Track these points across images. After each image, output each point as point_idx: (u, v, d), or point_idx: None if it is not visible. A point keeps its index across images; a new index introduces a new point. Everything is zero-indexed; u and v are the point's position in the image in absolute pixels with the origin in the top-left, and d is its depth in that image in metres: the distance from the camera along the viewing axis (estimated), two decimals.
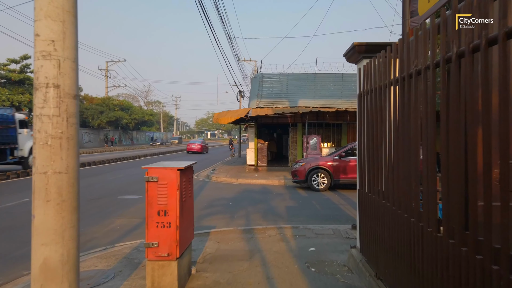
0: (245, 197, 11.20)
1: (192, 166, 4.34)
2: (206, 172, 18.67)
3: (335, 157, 12.22)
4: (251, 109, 16.69)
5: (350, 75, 17.34)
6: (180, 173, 3.81)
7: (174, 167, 3.78)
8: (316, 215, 8.70)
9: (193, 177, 4.47)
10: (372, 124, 3.83)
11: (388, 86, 3.39)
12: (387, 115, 3.44)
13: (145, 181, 3.77)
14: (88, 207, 9.34)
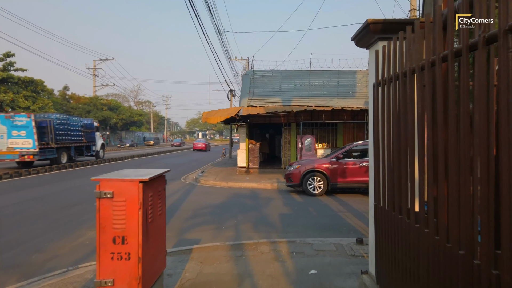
0: (235, 203, 10.26)
1: (163, 175, 3.40)
2: (194, 174, 17.68)
3: (332, 159, 11.34)
4: (242, 108, 15.76)
5: (346, 72, 16.50)
6: (144, 186, 2.87)
7: (135, 179, 2.84)
8: (313, 224, 7.80)
9: (164, 189, 3.52)
10: (401, 119, 2.91)
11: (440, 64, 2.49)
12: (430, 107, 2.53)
13: (96, 197, 2.82)
14: (58, 216, 8.33)
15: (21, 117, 17.91)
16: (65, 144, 20.58)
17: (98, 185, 2.82)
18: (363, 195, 11.67)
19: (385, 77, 3.22)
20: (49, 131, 18.85)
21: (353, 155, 11.56)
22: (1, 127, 17.73)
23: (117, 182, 2.81)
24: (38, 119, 18.81)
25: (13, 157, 17.59)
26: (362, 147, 11.53)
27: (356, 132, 17.10)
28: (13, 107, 32.55)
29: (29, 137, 17.60)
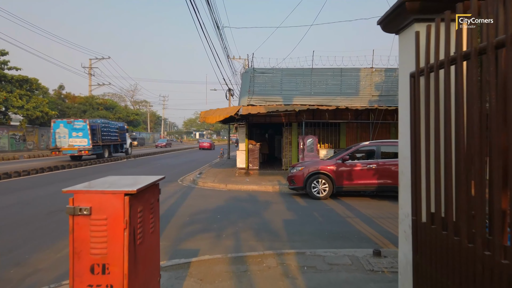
0: (235, 207, 9.65)
1: (157, 183, 2.78)
2: (192, 176, 17.05)
3: (337, 160, 10.75)
4: (241, 107, 15.16)
5: (349, 70, 15.90)
6: (131, 200, 2.25)
7: (119, 190, 2.22)
8: (321, 232, 7.20)
9: (158, 200, 2.90)
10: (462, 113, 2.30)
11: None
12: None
13: (68, 215, 2.20)
14: (44, 223, 7.69)
15: (79, 122, 23.68)
16: (107, 143, 26.77)
17: (71, 198, 2.20)
18: (369, 198, 11.09)
19: (434, 64, 2.61)
20: (98, 132, 24.72)
21: (360, 156, 10.99)
22: (63, 129, 23.25)
23: (97, 194, 2.19)
24: (91, 123, 24.18)
25: (73, 152, 23.17)
26: (369, 148, 10.96)
27: (360, 132, 16.51)
28: (6, 106, 31.79)
29: (84, 137, 23.23)
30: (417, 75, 2.80)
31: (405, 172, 3.29)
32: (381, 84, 15.86)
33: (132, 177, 2.75)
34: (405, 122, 3.22)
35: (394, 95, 15.83)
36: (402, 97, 3.31)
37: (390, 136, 15.66)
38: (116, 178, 2.65)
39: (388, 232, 7.17)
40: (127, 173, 17.95)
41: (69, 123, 23.52)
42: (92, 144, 23.42)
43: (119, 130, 29.70)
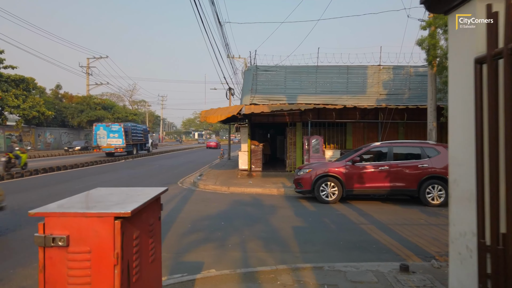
0: (239, 213, 9.05)
1: (158, 197, 2.18)
2: (192, 177, 16.45)
3: (347, 162, 10.17)
4: (243, 106, 14.56)
5: (356, 68, 15.29)
6: (124, 225, 1.65)
7: (107, 213, 1.62)
8: (335, 241, 6.62)
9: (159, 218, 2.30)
10: None
11: None
12: None
13: (38, 246, 1.60)
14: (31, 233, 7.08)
15: (115, 125, 29.10)
16: (135, 142, 32.06)
17: (42, 224, 1.61)
18: (380, 202, 10.51)
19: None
20: (129, 134, 29.95)
21: (371, 158, 10.41)
22: (103, 131, 28.65)
23: (76, 218, 1.60)
24: (124, 126, 29.34)
25: (110, 150, 28.75)
26: (380, 149, 10.38)
27: (367, 132, 15.91)
28: (1, 106, 31.10)
29: (120, 138, 28.57)
30: (489, 61, 2.20)
31: (460, 181, 2.71)
32: (389, 82, 15.28)
33: (124, 191, 2.15)
34: (461, 119, 2.64)
35: (403, 93, 15.26)
36: (456, 89, 2.72)
37: (398, 136, 15.09)
38: (104, 192, 2.05)
39: (407, 242, 6.58)
40: (123, 175, 17.33)
41: (107, 126, 29.10)
42: (125, 143, 29.13)
43: (143, 132, 35.89)
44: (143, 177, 16.55)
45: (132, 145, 30.91)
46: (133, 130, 31.72)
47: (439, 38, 11.32)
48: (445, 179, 9.75)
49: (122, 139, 28.61)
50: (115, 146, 28.56)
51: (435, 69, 11.82)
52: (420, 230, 7.40)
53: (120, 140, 28.64)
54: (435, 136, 11.93)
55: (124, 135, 28.72)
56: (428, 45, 11.41)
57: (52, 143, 40.54)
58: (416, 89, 15.26)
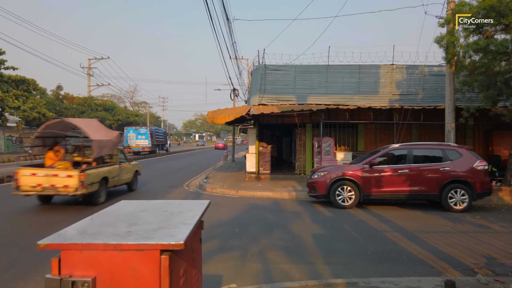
0: (253, 218, 8.56)
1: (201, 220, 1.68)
2: (198, 180, 15.96)
3: (364, 165, 9.67)
4: (252, 106, 14.08)
5: (368, 67, 14.79)
6: (173, 260, 1.15)
7: (151, 244, 1.12)
8: (360, 250, 6.13)
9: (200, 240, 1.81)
10: None
11: None
12: None
13: None
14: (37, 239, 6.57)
15: (143, 128, 34.73)
16: (158, 143, 37.17)
17: (57, 260, 1.12)
18: (397, 207, 10.02)
19: None
20: (154, 136, 34.91)
21: (389, 160, 9.92)
22: (132, 134, 33.79)
23: (106, 253, 1.11)
24: (150, 129, 34.76)
25: (139, 149, 33.62)
26: (399, 151, 9.89)
27: (379, 134, 15.41)
28: (2, 107, 30.60)
29: (146, 139, 33.34)
30: None
31: None
32: (403, 82, 14.79)
33: (158, 206, 1.66)
34: None
35: (416, 94, 14.77)
36: None
37: (412, 138, 14.59)
38: (134, 208, 1.56)
39: (439, 251, 6.09)
40: None
41: (136, 129, 34.75)
42: (151, 143, 34.13)
43: (163, 134, 41.98)
44: (148, 180, 16.05)
45: (155, 145, 36.58)
46: (156, 132, 37.56)
47: (458, 36, 10.85)
48: (468, 183, 9.27)
49: (148, 140, 34.00)
50: (143, 146, 34.01)
51: (453, 68, 11.34)
52: (449, 239, 6.91)
53: (147, 141, 34.00)
54: (453, 137, 11.44)
55: (150, 136, 34.12)
56: (447, 42, 10.93)
57: None
58: (430, 89, 14.78)
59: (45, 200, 9.77)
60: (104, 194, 10.00)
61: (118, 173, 10.94)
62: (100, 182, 9.61)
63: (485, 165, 9.44)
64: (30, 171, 8.79)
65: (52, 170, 8.95)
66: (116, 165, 10.91)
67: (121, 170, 11.15)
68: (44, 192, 8.81)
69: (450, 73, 11.43)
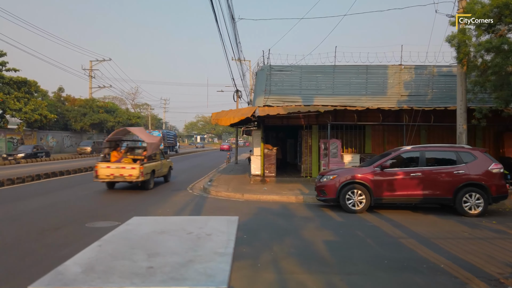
0: (262, 224, 8.25)
1: None
2: (201, 183, 15.67)
3: (375, 168, 9.36)
4: (257, 107, 13.77)
5: (376, 67, 14.48)
6: None
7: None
8: (377, 258, 5.82)
9: None
10: None
11: None
12: None
13: None
14: (36, 246, 6.29)
15: (156, 132, 37.80)
16: (169, 145, 40.79)
17: None
18: (410, 211, 9.69)
19: None
20: (165, 138, 37.49)
21: (401, 163, 9.61)
22: None
23: None
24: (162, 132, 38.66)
25: None
26: (412, 154, 9.58)
27: (387, 136, 15.09)
28: (3, 109, 30.39)
29: None
30: None
31: None
32: (411, 82, 14.48)
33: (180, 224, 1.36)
34: None
35: (425, 94, 14.45)
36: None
37: (421, 140, 14.26)
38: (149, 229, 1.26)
39: (460, 260, 5.77)
40: None
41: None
42: (163, 145, 35.04)
43: (173, 137, 46.87)
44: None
45: (167, 147, 40.01)
46: (167, 135, 42.05)
47: (471, 34, 10.54)
48: (483, 187, 8.95)
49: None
50: None
51: (465, 68, 11.03)
52: (468, 246, 6.60)
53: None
54: (465, 139, 11.12)
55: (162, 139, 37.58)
56: (458, 41, 10.63)
57: (54, 146, 39.79)
58: (439, 90, 14.47)
59: (111, 186, 13.39)
60: (152, 182, 13.53)
61: (160, 167, 14.39)
62: (151, 173, 13.17)
63: (500, 168, 9.12)
64: (105, 164, 12.43)
65: (121, 164, 12.60)
66: (159, 161, 14.47)
67: (161, 165, 14.59)
68: (114, 179, 12.41)
69: (462, 73, 11.12)
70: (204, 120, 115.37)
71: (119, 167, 12.24)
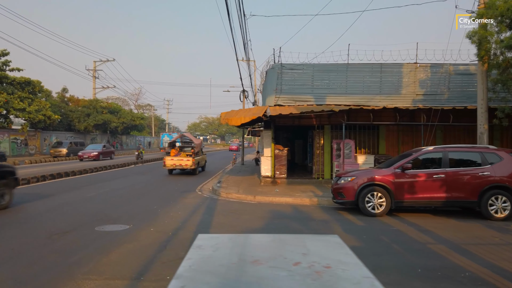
0: (279, 228, 7.87)
1: None
2: (210, 184, 15.31)
3: (396, 169, 8.97)
4: (268, 107, 13.41)
5: (390, 66, 14.06)
6: None
7: None
8: (410, 267, 5.43)
9: None
10: None
11: None
12: None
13: None
14: (44, 251, 5.93)
15: (175, 134, 42.12)
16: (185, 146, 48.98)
17: None
18: (430, 214, 9.28)
19: None
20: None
21: (422, 164, 9.21)
22: (167, 138, 43.28)
23: None
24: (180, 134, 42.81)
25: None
26: (434, 155, 9.18)
27: (401, 136, 14.68)
28: (7, 109, 30.11)
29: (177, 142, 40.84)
30: None
31: None
32: (426, 81, 14.06)
33: (273, 248, 0.98)
34: None
35: (441, 94, 14.03)
36: None
37: (437, 141, 13.85)
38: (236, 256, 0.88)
39: (499, 268, 5.37)
40: (136, 182, 16.17)
41: (170, 134, 46.84)
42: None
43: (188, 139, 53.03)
44: (157, 184, 15.42)
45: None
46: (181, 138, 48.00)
47: (493, 31, 10.14)
48: (510, 189, 8.54)
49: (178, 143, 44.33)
50: None
51: (486, 66, 10.62)
52: (503, 252, 6.20)
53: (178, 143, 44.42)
54: (486, 140, 10.70)
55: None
56: (479, 38, 10.23)
57: None
58: (456, 89, 14.05)
59: (171, 172, 19.56)
60: (198, 170, 19.73)
61: (201, 160, 20.63)
62: (198, 163, 19.32)
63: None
64: (170, 158, 18.81)
65: (180, 157, 18.81)
66: (200, 156, 20.50)
67: (202, 159, 20.78)
68: (176, 167, 18.61)
69: (483, 71, 10.71)
70: (207, 121, 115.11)
71: (179, 159, 18.52)
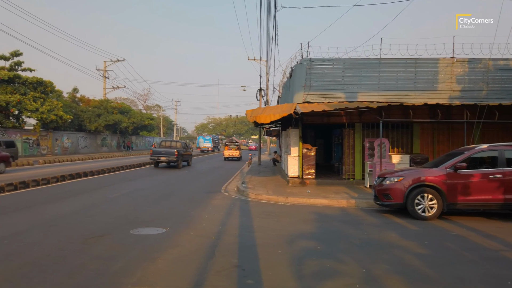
0: (327, 232, 7.29)
1: None
2: (232, 185, 14.78)
3: (448, 169, 8.32)
4: (296, 104, 12.81)
5: (425, 61, 13.37)
6: None
7: None
8: (497, 279, 4.85)
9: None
10: None
11: None
12: None
13: None
14: (84, 258, 5.36)
15: (208, 136, 61.67)
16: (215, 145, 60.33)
17: None
18: (484, 218, 8.61)
19: None
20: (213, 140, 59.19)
21: (475, 164, 8.56)
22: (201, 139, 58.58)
23: None
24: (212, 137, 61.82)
25: (205, 149, 55.82)
26: (488, 153, 8.53)
27: (437, 135, 14.01)
28: (19, 110, 29.81)
29: (209, 142, 57.50)
30: None
31: None
32: (464, 77, 13.39)
33: None
34: None
35: (480, 89, 13.34)
36: None
37: (475, 139, 13.14)
38: None
39: None
40: (157, 182, 15.62)
41: (204, 136, 59.59)
42: (212, 145, 56.78)
43: (218, 140, 65.17)
44: (180, 184, 14.89)
45: (214, 147, 58.32)
46: (214, 138, 61.31)
47: None
48: None
49: (210, 143, 57.12)
50: (207, 147, 55.94)
51: None
52: None
53: (210, 144, 56.75)
54: None
55: (212, 141, 58.07)
56: None
57: (69, 147, 39.24)
58: (495, 84, 13.36)
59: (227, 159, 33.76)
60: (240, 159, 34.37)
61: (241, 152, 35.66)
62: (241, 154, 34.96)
63: None
64: (227, 150, 34.33)
65: (232, 150, 34.02)
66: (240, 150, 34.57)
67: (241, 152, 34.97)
68: (230, 156, 33.96)
69: None
70: (215, 121, 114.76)
71: (232, 152, 33.40)
